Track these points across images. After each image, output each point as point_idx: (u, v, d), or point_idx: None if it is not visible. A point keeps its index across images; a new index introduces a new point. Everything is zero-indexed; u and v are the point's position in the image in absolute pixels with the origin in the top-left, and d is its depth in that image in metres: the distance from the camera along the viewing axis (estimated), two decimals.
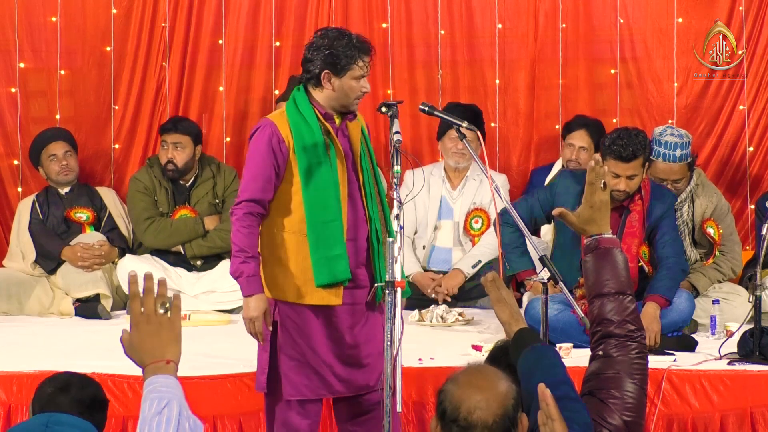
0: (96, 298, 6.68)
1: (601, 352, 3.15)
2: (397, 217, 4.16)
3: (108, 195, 7.10)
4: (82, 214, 6.95)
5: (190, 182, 6.94)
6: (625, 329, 3.14)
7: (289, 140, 4.54)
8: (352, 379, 4.67)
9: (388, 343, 4.10)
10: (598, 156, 3.40)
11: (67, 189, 6.99)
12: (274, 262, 4.60)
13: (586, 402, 3.05)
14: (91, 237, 6.85)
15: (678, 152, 6.23)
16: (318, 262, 4.52)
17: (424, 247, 6.86)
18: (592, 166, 3.27)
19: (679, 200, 6.27)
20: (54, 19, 7.30)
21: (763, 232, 5.51)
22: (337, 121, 4.64)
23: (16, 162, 7.36)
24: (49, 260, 6.80)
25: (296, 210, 4.56)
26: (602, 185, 3.25)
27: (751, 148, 7.32)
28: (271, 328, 4.57)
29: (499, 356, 3.28)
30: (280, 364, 4.61)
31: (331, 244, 4.52)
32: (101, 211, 7.02)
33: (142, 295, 2.59)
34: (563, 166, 6.88)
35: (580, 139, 6.82)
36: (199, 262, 6.84)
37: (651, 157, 6.05)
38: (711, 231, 6.41)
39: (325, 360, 4.61)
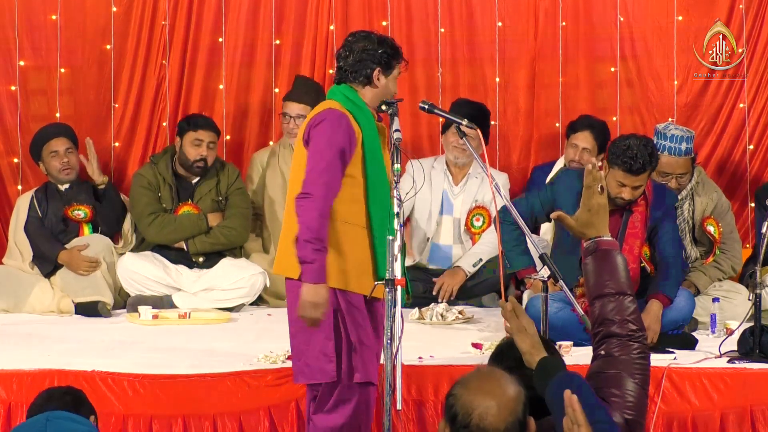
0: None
1: (602, 352, 3.14)
2: (397, 215, 4.17)
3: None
4: (80, 212, 6.91)
5: (194, 179, 6.93)
6: (627, 329, 3.13)
7: (359, 134, 4.61)
8: None
9: (388, 341, 4.10)
10: (595, 160, 3.39)
11: (66, 185, 6.97)
12: (333, 251, 4.60)
13: None
14: (87, 240, 6.79)
15: (683, 146, 6.25)
16: (382, 257, 4.54)
17: (428, 239, 6.86)
18: (589, 170, 3.26)
19: (680, 198, 6.28)
20: (54, 17, 7.29)
21: (764, 230, 5.51)
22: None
23: (16, 160, 7.36)
24: (45, 263, 6.78)
25: (356, 202, 4.61)
26: (600, 189, 3.24)
27: (752, 146, 7.33)
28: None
29: (506, 352, 3.27)
30: (354, 350, 4.63)
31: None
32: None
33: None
34: (565, 165, 6.88)
35: (584, 140, 6.79)
36: (201, 259, 6.84)
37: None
38: (711, 229, 6.41)
39: (377, 348, 4.68)
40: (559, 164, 7.04)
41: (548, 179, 6.79)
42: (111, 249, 6.85)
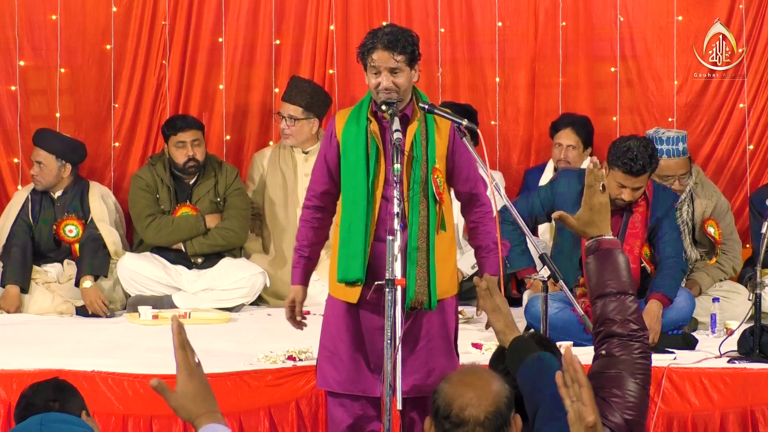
0: None
1: (603, 352, 3.13)
2: (397, 215, 4.16)
3: (95, 198, 6.92)
4: (72, 227, 6.84)
5: (193, 180, 6.93)
6: (628, 329, 3.12)
7: (339, 135, 4.58)
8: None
9: (389, 341, 4.10)
10: (596, 158, 3.37)
11: (59, 192, 6.92)
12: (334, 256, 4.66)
13: None
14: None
15: (681, 146, 6.27)
16: (340, 259, 4.54)
17: None
18: (590, 169, 3.26)
19: (679, 200, 6.28)
20: (54, 17, 7.29)
21: (763, 230, 5.51)
22: (388, 118, 4.52)
23: (16, 160, 7.35)
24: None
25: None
26: (601, 187, 3.24)
27: (752, 146, 7.33)
28: (299, 318, 4.67)
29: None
30: (318, 355, 4.69)
31: (353, 242, 4.49)
32: (88, 216, 6.91)
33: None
34: (556, 167, 6.88)
35: (566, 137, 6.83)
36: (199, 260, 6.84)
37: None
38: (711, 231, 6.42)
39: (356, 358, 4.60)
40: (550, 165, 7.04)
41: (541, 180, 6.80)
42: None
